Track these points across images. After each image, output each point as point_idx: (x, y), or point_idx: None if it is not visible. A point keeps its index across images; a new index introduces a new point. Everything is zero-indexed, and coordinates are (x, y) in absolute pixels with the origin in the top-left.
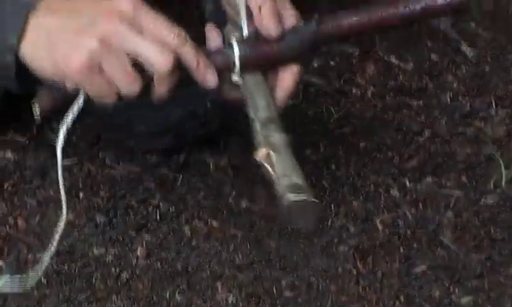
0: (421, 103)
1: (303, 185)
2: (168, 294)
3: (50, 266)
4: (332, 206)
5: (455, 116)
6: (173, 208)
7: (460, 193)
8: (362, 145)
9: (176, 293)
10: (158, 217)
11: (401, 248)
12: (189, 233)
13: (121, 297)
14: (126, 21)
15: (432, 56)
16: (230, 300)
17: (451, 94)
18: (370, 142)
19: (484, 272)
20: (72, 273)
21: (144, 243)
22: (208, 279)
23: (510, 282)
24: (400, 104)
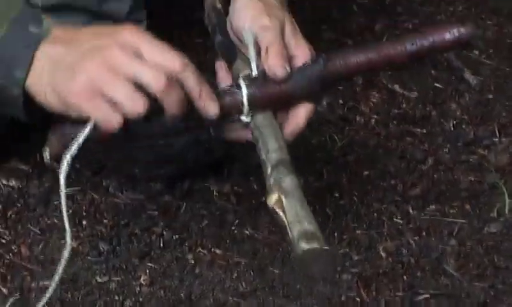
0: (424, 131)
1: (315, 232)
2: None
3: (53, 294)
4: (335, 234)
5: (458, 144)
6: (177, 236)
7: (463, 221)
8: (366, 173)
9: None
10: (161, 245)
11: (405, 276)
12: (193, 261)
13: None
14: (126, 48)
15: (435, 84)
16: None
17: (454, 122)
18: (373, 170)
19: (488, 301)
20: (76, 301)
21: (147, 271)
22: None
23: None
24: (403, 132)
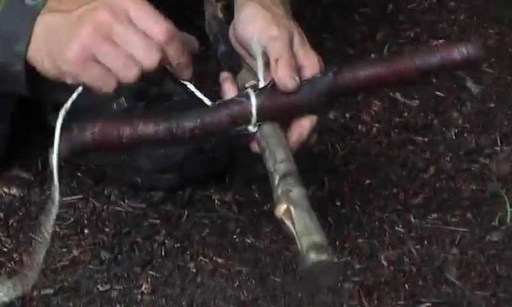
0: (426, 139)
1: (324, 243)
2: None
3: (55, 303)
4: (337, 242)
5: (460, 153)
6: (178, 244)
7: (465, 230)
8: (367, 182)
9: None
10: (163, 254)
11: (406, 285)
12: (194, 270)
13: None
14: (116, 11)
15: (437, 93)
16: None
17: (456, 130)
18: (375, 178)
19: None
20: None
21: (149, 279)
22: None
23: None
24: (405, 141)
